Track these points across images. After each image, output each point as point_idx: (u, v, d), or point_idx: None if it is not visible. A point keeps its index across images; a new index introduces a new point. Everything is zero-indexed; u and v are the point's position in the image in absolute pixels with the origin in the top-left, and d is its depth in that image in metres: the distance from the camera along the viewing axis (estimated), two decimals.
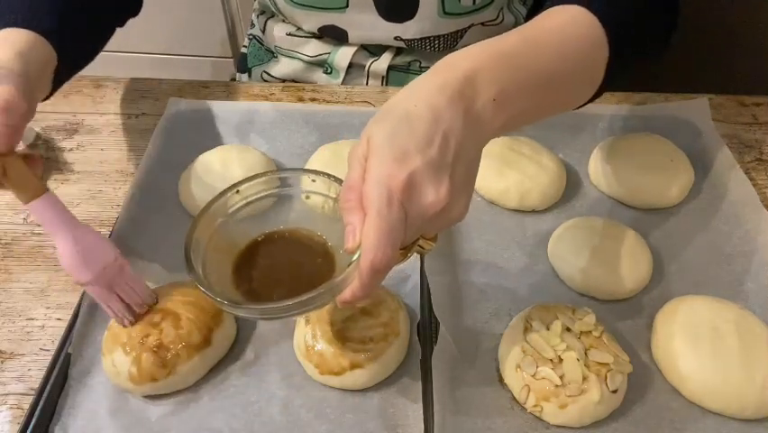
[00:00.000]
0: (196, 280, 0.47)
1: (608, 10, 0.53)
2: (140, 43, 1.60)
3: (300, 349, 0.57)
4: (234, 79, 1.06)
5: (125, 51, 1.50)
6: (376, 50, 0.89)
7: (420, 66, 0.90)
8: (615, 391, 0.53)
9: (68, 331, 0.59)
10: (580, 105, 0.56)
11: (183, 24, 1.64)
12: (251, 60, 1.00)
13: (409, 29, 0.84)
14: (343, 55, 0.89)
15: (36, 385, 0.55)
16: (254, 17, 1.00)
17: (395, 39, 0.85)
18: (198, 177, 0.70)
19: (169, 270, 0.64)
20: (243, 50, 1.04)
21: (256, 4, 0.97)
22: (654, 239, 0.68)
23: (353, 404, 0.55)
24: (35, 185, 0.52)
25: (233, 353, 0.58)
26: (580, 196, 0.74)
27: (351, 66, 0.90)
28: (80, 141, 0.80)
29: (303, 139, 0.79)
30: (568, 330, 0.56)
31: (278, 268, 0.54)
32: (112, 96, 0.87)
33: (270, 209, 0.56)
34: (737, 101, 0.87)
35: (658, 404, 0.55)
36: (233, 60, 1.72)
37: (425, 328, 0.59)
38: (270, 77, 0.96)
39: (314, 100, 0.86)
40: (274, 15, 0.92)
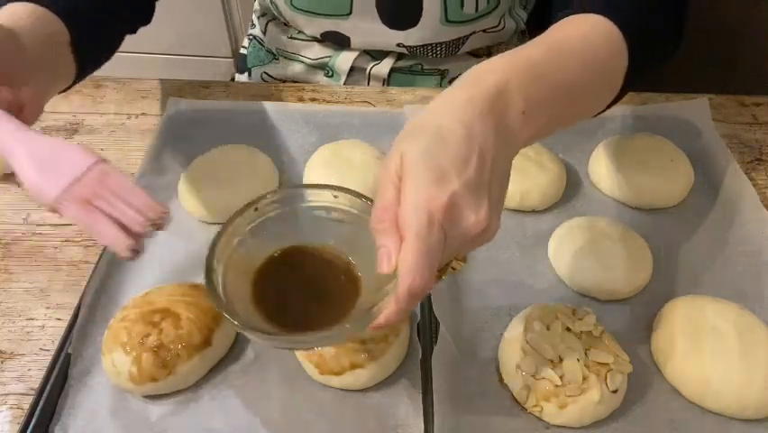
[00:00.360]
0: (221, 308, 0.45)
1: (627, 18, 0.53)
2: (140, 43, 1.59)
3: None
4: (234, 79, 1.06)
5: (125, 51, 1.50)
6: (378, 55, 0.89)
7: (422, 68, 0.90)
8: (615, 391, 0.53)
9: (68, 331, 0.59)
10: (599, 112, 0.56)
11: (183, 25, 1.64)
12: (250, 61, 1.00)
13: (412, 36, 0.84)
14: (345, 59, 0.89)
15: (36, 385, 0.55)
16: (255, 18, 0.99)
17: (397, 45, 0.86)
18: (198, 177, 0.70)
19: (169, 270, 0.64)
20: (243, 51, 1.03)
21: (257, 5, 0.97)
22: (654, 239, 0.68)
23: (353, 404, 0.55)
24: None
25: (233, 353, 0.58)
26: (580, 196, 0.74)
27: (352, 69, 0.90)
28: (80, 141, 0.80)
29: (303, 139, 0.79)
30: (568, 330, 0.56)
31: (301, 286, 0.53)
32: (112, 96, 0.87)
33: (290, 226, 0.54)
34: (737, 101, 0.87)
35: (658, 404, 0.55)
36: (233, 60, 1.72)
37: (425, 328, 0.59)
38: (270, 78, 0.96)
39: (314, 100, 0.86)
40: (275, 18, 0.92)
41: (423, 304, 0.61)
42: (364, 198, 0.51)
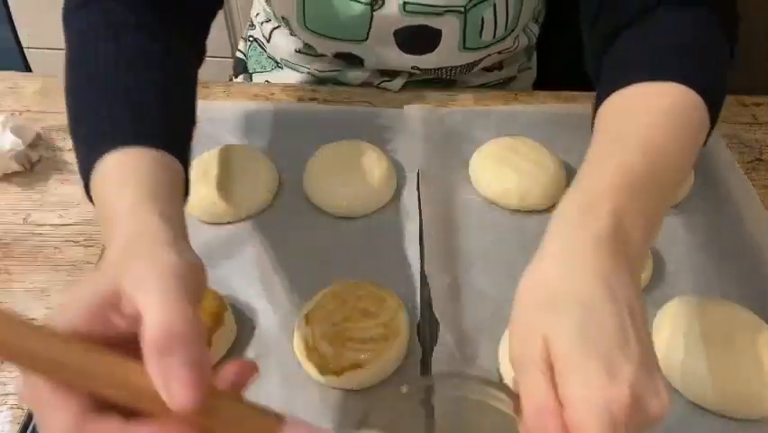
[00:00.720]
0: None
1: (707, 82, 0.50)
2: None
3: (300, 349, 0.57)
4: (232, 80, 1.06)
5: None
6: (390, 73, 0.88)
7: (433, 82, 0.89)
8: None
9: None
10: None
11: None
12: (251, 66, 0.97)
13: (427, 60, 0.83)
14: (356, 76, 0.88)
15: None
16: (255, 21, 0.96)
17: (411, 67, 0.84)
18: (198, 177, 0.70)
19: None
20: (240, 55, 1.01)
21: (260, 9, 0.94)
22: None
23: (353, 404, 0.55)
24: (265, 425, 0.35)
25: (233, 353, 0.58)
26: None
27: (362, 84, 0.89)
28: None
29: (303, 139, 0.79)
30: None
31: None
32: None
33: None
34: (737, 101, 0.87)
35: None
36: (232, 61, 1.72)
37: (424, 328, 0.60)
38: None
39: (314, 100, 0.86)
40: (280, 26, 0.90)
41: (423, 304, 0.61)
42: (479, 380, 0.44)
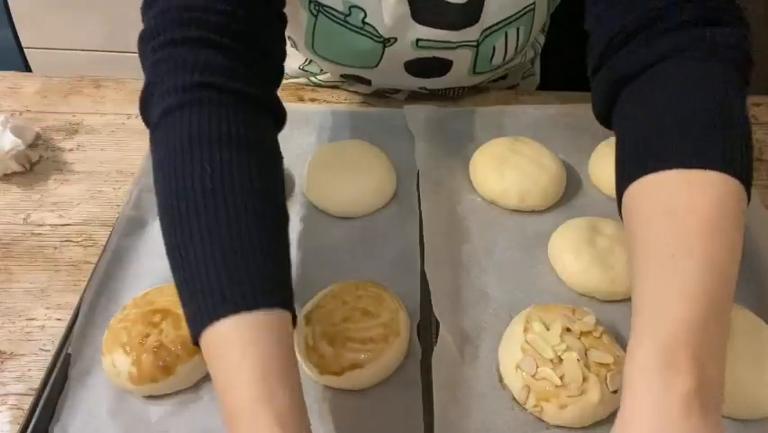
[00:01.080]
0: None
1: (743, 167, 0.48)
2: None
3: (300, 349, 0.57)
4: None
5: (126, 51, 1.50)
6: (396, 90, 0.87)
7: (437, 94, 0.88)
8: (615, 392, 0.53)
9: (68, 331, 0.59)
10: None
11: None
12: None
13: (436, 83, 0.82)
14: (361, 89, 0.87)
15: (36, 385, 0.55)
16: None
17: (419, 88, 0.84)
18: None
19: (169, 270, 0.64)
20: None
21: None
22: None
23: (353, 404, 0.55)
24: None
25: None
26: (580, 196, 0.74)
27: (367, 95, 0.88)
28: (80, 141, 0.80)
29: (303, 139, 0.79)
30: (568, 330, 0.56)
31: None
32: (112, 96, 0.87)
33: None
34: None
35: None
36: None
37: (425, 328, 0.60)
38: None
39: (314, 100, 0.86)
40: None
41: (423, 304, 0.61)
42: None
